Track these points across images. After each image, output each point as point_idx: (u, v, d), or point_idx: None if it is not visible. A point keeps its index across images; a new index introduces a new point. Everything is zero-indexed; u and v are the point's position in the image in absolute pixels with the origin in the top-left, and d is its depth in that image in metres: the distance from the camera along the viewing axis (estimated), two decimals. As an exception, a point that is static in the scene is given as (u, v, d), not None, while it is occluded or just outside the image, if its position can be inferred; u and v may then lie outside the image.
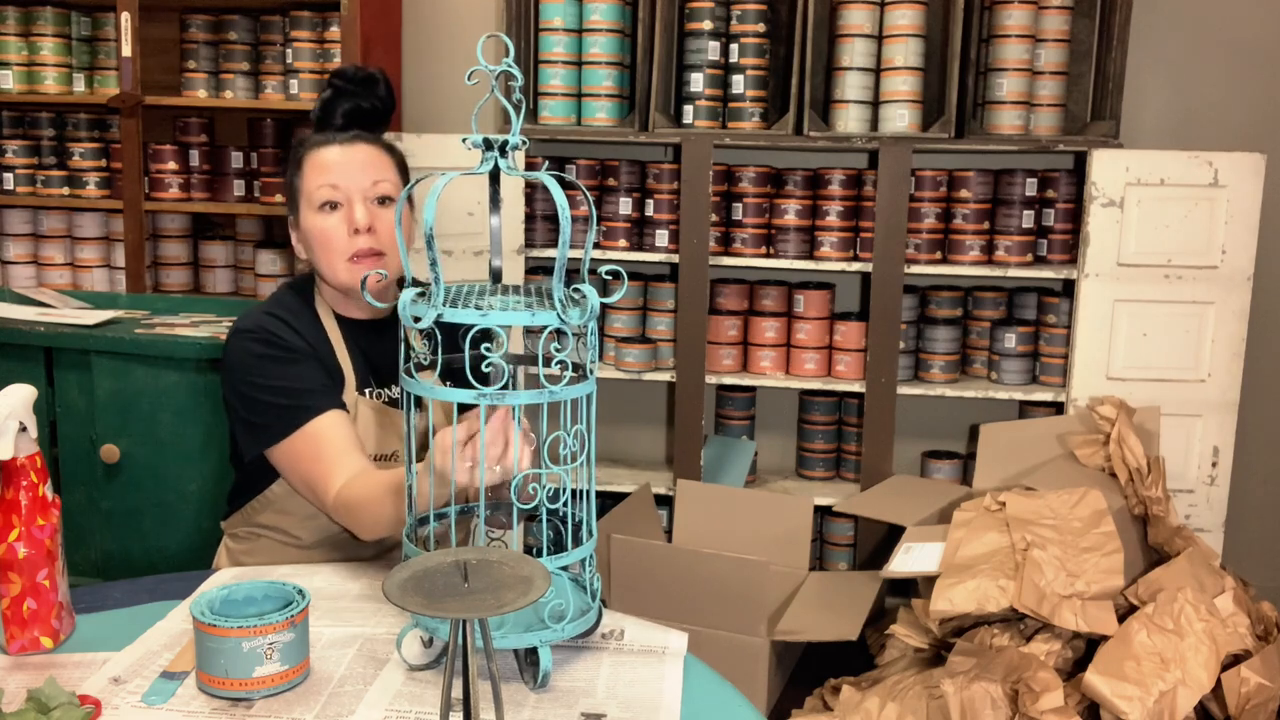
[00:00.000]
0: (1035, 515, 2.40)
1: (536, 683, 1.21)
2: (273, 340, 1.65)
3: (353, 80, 1.76)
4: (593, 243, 3.08)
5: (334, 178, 1.67)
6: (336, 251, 1.67)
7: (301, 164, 1.71)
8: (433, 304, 1.20)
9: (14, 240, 3.32)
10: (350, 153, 1.69)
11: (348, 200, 1.67)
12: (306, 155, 1.71)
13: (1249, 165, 2.77)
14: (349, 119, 1.75)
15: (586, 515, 1.31)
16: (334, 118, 1.74)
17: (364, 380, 1.72)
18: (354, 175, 1.68)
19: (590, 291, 1.19)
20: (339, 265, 1.68)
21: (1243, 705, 2.21)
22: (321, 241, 1.68)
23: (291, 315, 1.70)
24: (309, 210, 1.69)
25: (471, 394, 1.19)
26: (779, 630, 2.61)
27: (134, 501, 2.64)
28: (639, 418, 3.47)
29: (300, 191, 1.71)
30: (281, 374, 1.62)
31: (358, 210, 1.67)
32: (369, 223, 1.66)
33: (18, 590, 1.28)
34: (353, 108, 1.75)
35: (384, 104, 1.79)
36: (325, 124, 1.75)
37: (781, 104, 3.11)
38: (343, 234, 1.67)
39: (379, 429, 1.71)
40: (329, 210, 1.68)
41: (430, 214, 1.19)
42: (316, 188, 1.67)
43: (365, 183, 1.68)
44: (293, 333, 1.67)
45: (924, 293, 3.14)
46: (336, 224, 1.67)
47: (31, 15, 3.15)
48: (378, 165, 1.71)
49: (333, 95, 1.75)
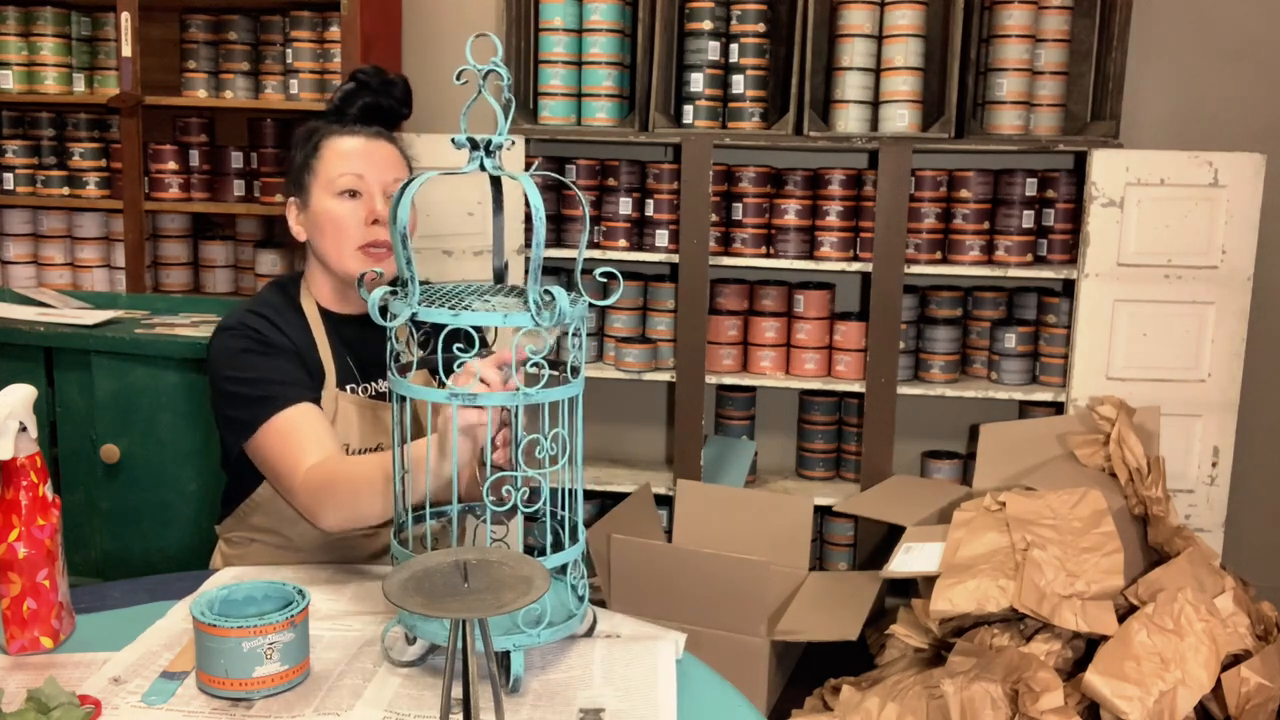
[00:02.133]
0: (1035, 515, 2.40)
1: (509, 688, 1.21)
2: (252, 335, 1.66)
3: (374, 79, 1.78)
4: (593, 243, 3.10)
5: (359, 167, 1.69)
6: (349, 239, 1.68)
7: (319, 148, 1.72)
8: (408, 303, 1.20)
9: (14, 240, 3.32)
10: (374, 147, 1.72)
11: (369, 191, 1.69)
12: (326, 140, 1.72)
13: (1249, 165, 2.77)
14: (364, 114, 1.76)
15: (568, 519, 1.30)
16: (351, 108, 1.75)
17: (346, 376, 1.73)
18: (378, 168, 1.70)
19: (560, 293, 1.18)
20: (348, 252, 1.68)
21: (1243, 705, 2.21)
22: (335, 227, 1.68)
23: (274, 312, 1.70)
24: (324, 194, 1.70)
25: (444, 393, 1.19)
26: (779, 630, 2.61)
27: (134, 501, 2.64)
28: (639, 418, 3.47)
29: (315, 173, 1.71)
30: (255, 366, 1.63)
31: (378, 202, 1.69)
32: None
33: (18, 590, 1.28)
34: (371, 103, 1.76)
35: (399, 106, 1.80)
36: (341, 115, 1.76)
37: (781, 104, 3.11)
38: (359, 221, 1.68)
39: (362, 423, 1.70)
40: (348, 197, 1.69)
41: (405, 213, 1.20)
42: (339, 174, 1.68)
43: (388, 178, 1.71)
44: (274, 329, 1.67)
45: (924, 293, 3.14)
46: (353, 210, 1.68)
47: (31, 15, 3.15)
48: (397, 165, 1.74)
49: (355, 88, 1.76)
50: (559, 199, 3.14)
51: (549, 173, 1.88)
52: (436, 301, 1.24)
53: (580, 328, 1.26)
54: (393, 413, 1.30)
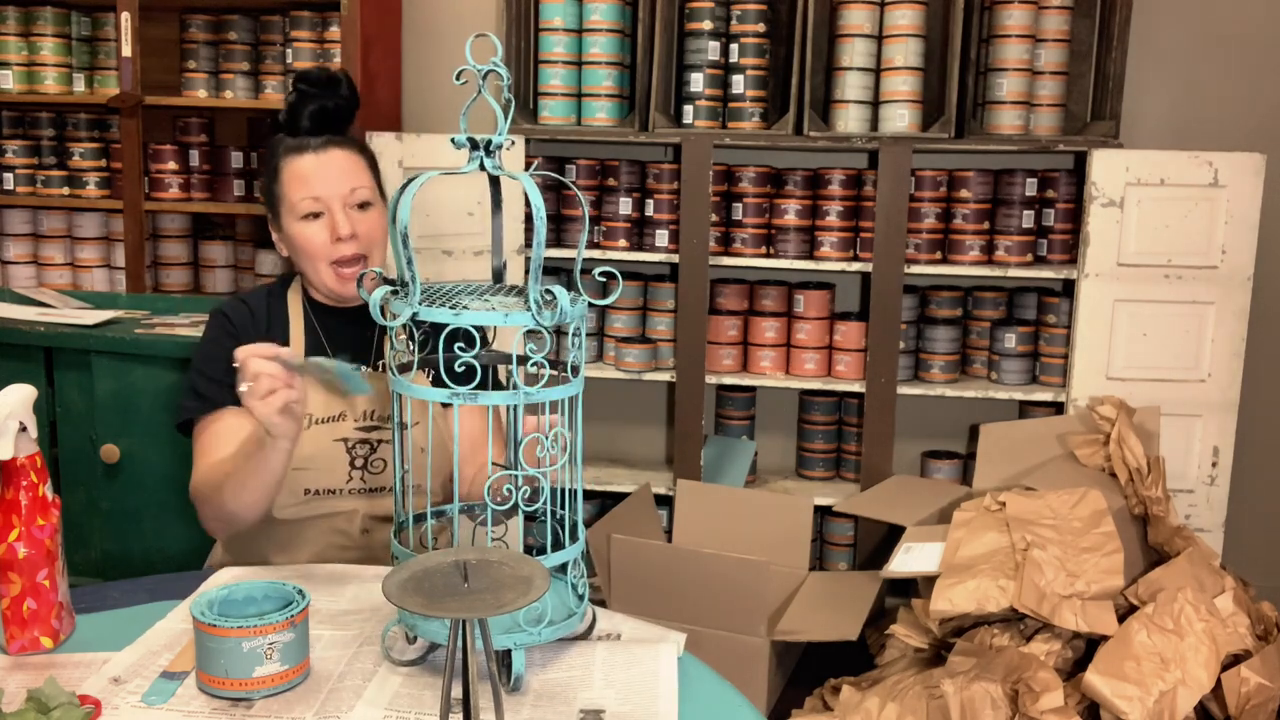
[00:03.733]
0: (1035, 515, 2.40)
1: (509, 686, 1.21)
2: (226, 327, 1.77)
3: (317, 83, 1.79)
4: (593, 243, 3.10)
5: (315, 189, 1.73)
6: (320, 257, 1.75)
7: (279, 172, 1.77)
8: (409, 302, 1.20)
9: (14, 240, 3.32)
10: (326, 160, 1.75)
11: (329, 209, 1.74)
12: (283, 164, 1.77)
13: (1249, 165, 2.77)
14: (315, 120, 1.77)
15: (568, 517, 1.30)
16: (301, 119, 1.77)
17: (316, 351, 1.77)
18: (332, 184, 1.74)
19: (560, 293, 1.19)
20: (323, 270, 1.76)
21: (1243, 705, 2.21)
22: (306, 249, 1.75)
23: (257, 300, 1.81)
24: (291, 219, 1.76)
25: (445, 393, 1.19)
26: (779, 630, 2.61)
27: (134, 501, 2.64)
28: (639, 418, 3.47)
29: (281, 199, 1.77)
30: (216, 362, 1.71)
31: (339, 219, 1.73)
32: (351, 230, 1.74)
33: (18, 590, 1.28)
34: (318, 109, 1.77)
35: (348, 103, 1.81)
36: (293, 126, 1.78)
37: (781, 104, 3.11)
38: (325, 241, 1.74)
39: (325, 394, 1.73)
40: (312, 219, 1.74)
41: (405, 213, 1.20)
42: (299, 199, 1.74)
43: (344, 190, 1.75)
44: (249, 316, 1.78)
45: (924, 293, 3.14)
46: (319, 231, 1.74)
47: (31, 15, 3.15)
48: (353, 171, 1.77)
49: (298, 98, 1.77)
50: (559, 199, 3.14)
51: (549, 173, 1.88)
52: (437, 301, 1.24)
53: (580, 327, 1.26)
54: (393, 413, 1.30)
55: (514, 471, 1.26)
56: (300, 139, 1.76)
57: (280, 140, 1.79)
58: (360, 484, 1.75)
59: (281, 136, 1.79)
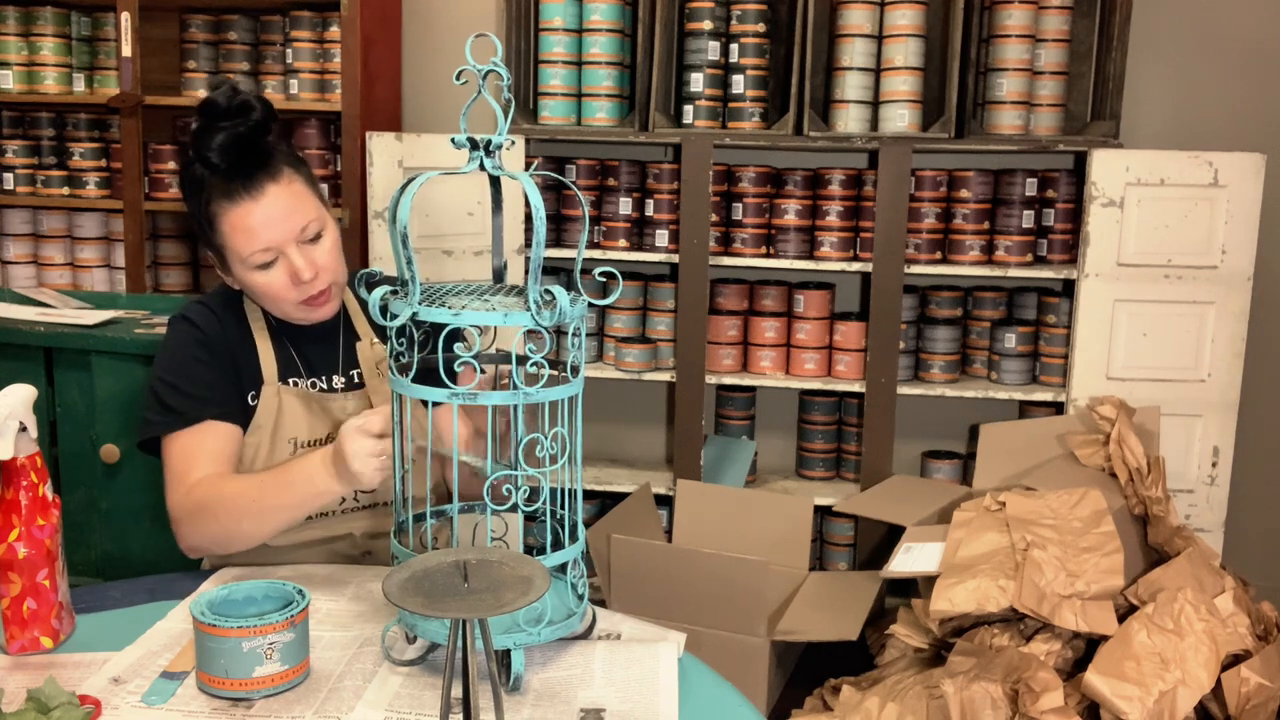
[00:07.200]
0: (1035, 515, 2.40)
1: (509, 686, 1.21)
2: (194, 335, 1.66)
3: (225, 113, 1.59)
4: (593, 243, 3.10)
5: (264, 239, 1.59)
6: (286, 300, 1.65)
7: (216, 222, 1.61)
8: (409, 303, 1.20)
9: (14, 240, 3.32)
10: (266, 204, 1.59)
11: (283, 254, 1.61)
12: (217, 213, 1.61)
13: (1249, 165, 2.77)
14: (227, 153, 1.59)
15: (568, 517, 1.30)
16: (209, 155, 1.58)
17: (290, 369, 1.71)
18: (279, 229, 1.60)
19: (560, 293, 1.19)
20: (289, 309, 1.66)
21: (1243, 705, 2.21)
22: (268, 294, 1.65)
23: (220, 306, 1.71)
24: (244, 269, 1.63)
25: (444, 393, 1.19)
26: (779, 630, 2.61)
27: (134, 501, 2.64)
28: (639, 418, 3.47)
29: (228, 251, 1.63)
30: (184, 372, 1.64)
31: (298, 264, 1.61)
32: (312, 270, 1.62)
33: (18, 590, 1.28)
34: (228, 140, 1.58)
35: (262, 124, 1.61)
36: (205, 162, 1.60)
37: (781, 104, 3.11)
38: (286, 283, 1.63)
39: (309, 415, 1.69)
40: (267, 268, 1.62)
41: (405, 213, 1.20)
42: (250, 254, 1.60)
43: (294, 230, 1.61)
44: (215, 323, 1.68)
45: (924, 293, 3.14)
46: (277, 276, 1.62)
47: (31, 15, 3.15)
48: (297, 206, 1.62)
49: (202, 131, 1.59)
50: (559, 199, 3.14)
51: (549, 173, 1.88)
52: (437, 301, 1.24)
53: (580, 327, 1.26)
54: (393, 412, 1.30)
55: (514, 472, 1.27)
56: (228, 183, 1.59)
57: (204, 178, 1.61)
58: (354, 503, 1.71)
59: (203, 172, 1.61)
